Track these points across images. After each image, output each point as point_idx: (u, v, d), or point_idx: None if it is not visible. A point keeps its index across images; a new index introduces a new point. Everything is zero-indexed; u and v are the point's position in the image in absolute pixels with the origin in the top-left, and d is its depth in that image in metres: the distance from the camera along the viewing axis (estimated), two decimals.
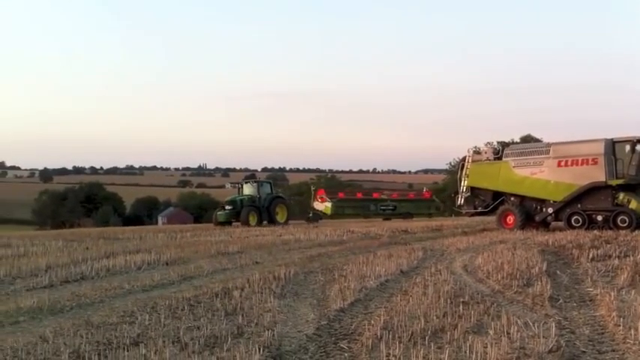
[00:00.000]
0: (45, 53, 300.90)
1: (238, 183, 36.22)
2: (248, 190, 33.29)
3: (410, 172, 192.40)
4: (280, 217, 32.29)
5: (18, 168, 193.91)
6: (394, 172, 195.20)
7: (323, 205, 35.99)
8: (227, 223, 30.97)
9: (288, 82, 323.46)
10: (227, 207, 32.11)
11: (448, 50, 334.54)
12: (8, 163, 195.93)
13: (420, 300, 7.80)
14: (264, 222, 31.20)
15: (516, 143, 45.41)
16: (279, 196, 34.37)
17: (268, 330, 6.24)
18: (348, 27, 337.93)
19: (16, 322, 7.33)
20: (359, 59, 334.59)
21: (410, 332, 6.06)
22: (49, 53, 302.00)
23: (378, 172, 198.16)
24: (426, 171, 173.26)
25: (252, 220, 30.55)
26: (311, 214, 35.87)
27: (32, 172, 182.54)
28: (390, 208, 37.26)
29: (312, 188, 38.97)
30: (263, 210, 31.71)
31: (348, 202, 37.50)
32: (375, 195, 40.00)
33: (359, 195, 40.70)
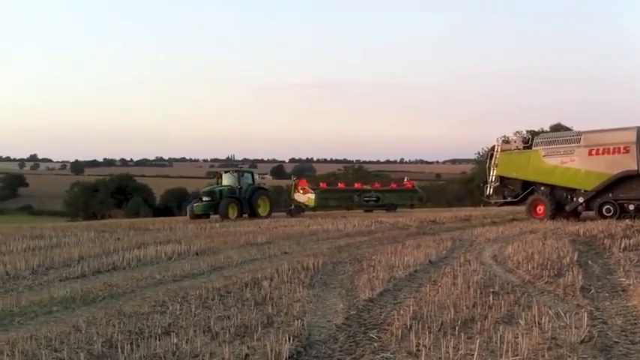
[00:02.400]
0: (75, 45, 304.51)
1: (217, 172, 33.83)
2: (228, 180, 30.75)
3: (437, 162, 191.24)
4: (262, 209, 30.02)
5: (50, 160, 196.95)
6: (422, 162, 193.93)
7: (305, 197, 33.77)
8: (204, 215, 28.90)
9: (315, 73, 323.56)
10: (205, 198, 29.56)
11: (475, 38, 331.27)
12: (40, 156, 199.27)
13: (449, 290, 7.77)
14: (245, 215, 29.12)
15: (546, 132, 44.72)
16: (262, 187, 32.08)
17: (298, 320, 6.27)
18: (375, 17, 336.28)
19: (49, 312, 7.46)
20: (386, 49, 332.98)
21: (440, 322, 6.04)
22: (79, 45, 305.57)
23: (406, 162, 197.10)
24: (453, 161, 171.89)
25: (232, 212, 28.39)
26: (293, 207, 33.61)
27: (64, 165, 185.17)
28: (373, 199, 35.11)
29: (293, 179, 36.41)
30: (244, 202, 29.40)
31: (331, 193, 35.49)
32: (357, 185, 37.71)
33: (341, 185, 38.44)
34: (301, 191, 34.02)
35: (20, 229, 22.72)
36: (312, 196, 33.35)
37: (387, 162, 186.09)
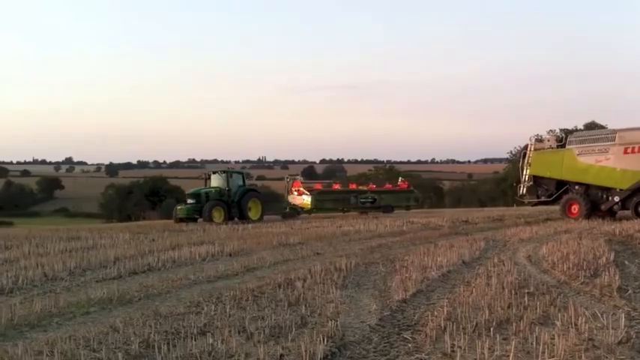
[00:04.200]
0: (110, 49, 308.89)
1: (206, 173, 31.77)
2: (216, 181, 29.19)
3: (469, 161, 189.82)
4: (253, 213, 28.39)
5: (85, 163, 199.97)
6: (453, 161, 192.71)
7: (300, 199, 32.11)
8: (190, 219, 27.27)
9: (345, 74, 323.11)
10: (189, 201, 28.05)
11: (507, 35, 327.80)
12: (75, 159, 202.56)
13: (483, 291, 7.72)
14: (235, 219, 27.49)
15: (580, 130, 44.21)
16: (253, 189, 30.49)
17: (331, 320, 6.29)
18: (402, 16, 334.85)
19: (87, 312, 7.59)
20: (416, 49, 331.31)
21: (474, 323, 6.01)
22: (114, 49, 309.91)
23: (437, 162, 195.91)
24: (485, 160, 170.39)
25: (218, 216, 26.80)
26: (287, 209, 32.31)
27: (98, 167, 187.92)
28: (370, 200, 33.22)
29: (287, 180, 34.36)
30: (233, 205, 27.88)
31: (327, 195, 33.37)
32: (353, 186, 35.92)
33: (336, 186, 36.38)
34: (296, 193, 32.57)
35: (57, 231, 23.12)
36: (307, 198, 31.82)
37: (418, 162, 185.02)
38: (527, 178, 22.95)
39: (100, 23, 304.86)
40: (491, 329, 5.83)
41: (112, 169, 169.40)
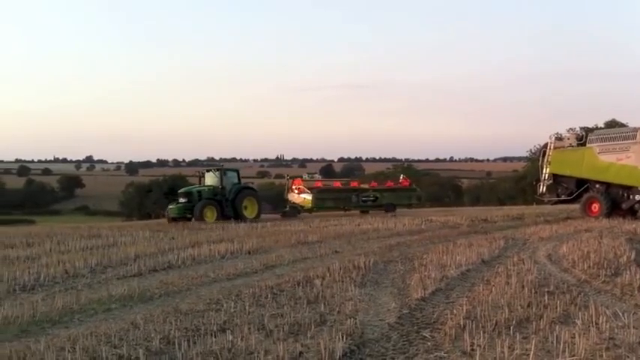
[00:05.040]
0: (130, 49, 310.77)
1: (199, 171, 31.04)
2: (210, 179, 28.31)
3: (488, 159, 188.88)
4: (249, 211, 27.52)
5: (105, 161, 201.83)
6: (472, 160, 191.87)
7: (301, 198, 31.39)
8: (182, 218, 26.36)
9: (364, 73, 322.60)
10: (181, 199, 27.23)
11: (526, 33, 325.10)
12: (96, 157, 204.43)
13: (503, 290, 7.69)
14: (231, 218, 26.40)
15: (600, 128, 43.81)
16: (248, 187, 29.47)
17: (350, 318, 6.30)
18: (422, 15, 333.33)
19: (108, 309, 7.64)
20: (433, 47, 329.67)
21: (494, 322, 5.99)
22: (133, 49, 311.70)
23: (455, 161, 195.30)
24: (504, 159, 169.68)
25: (210, 215, 26.05)
26: (287, 208, 31.83)
27: (118, 166, 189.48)
28: (371, 198, 32.45)
29: (287, 178, 33.90)
30: (227, 203, 26.97)
31: (328, 194, 32.74)
32: (354, 184, 35.33)
33: (337, 184, 35.85)
34: (296, 191, 31.84)
35: (78, 228, 23.30)
36: (308, 196, 31.13)
37: (437, 160, 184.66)
38: (547, 177, 22.81)
39: (116, 25, 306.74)
40: (511, 328, 5.80)
41: (132, 167, 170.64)
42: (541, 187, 23.13)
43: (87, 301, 8.07)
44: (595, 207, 21.11)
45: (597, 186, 21.37)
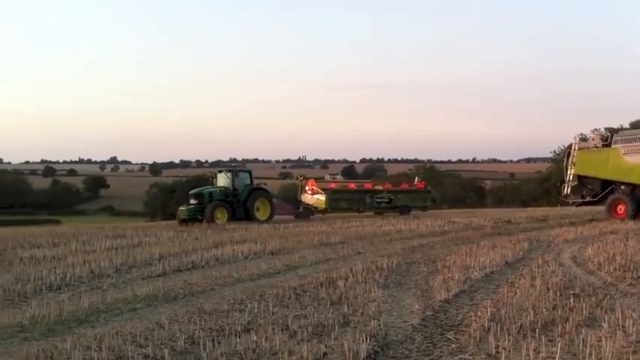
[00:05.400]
0: (153, 50, 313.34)
1: (211, 172, 30.48)
2: (222, 181, 27.73)
3: (512, 160, 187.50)
4: (261, 213, 26.87)
5: (129, 162, 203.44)
6: (494, 161, 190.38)
7: (314, 199, 30.64)
8: (193, 220, 25.66)
9: (386, 73, 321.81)
10: (192, 201, 26.65)
11: (549, 31, 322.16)
12: (120, 158, 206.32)
13: (527, 292, 7.64)
14: (242, 220, 25.89)
15: (626, 129, 43.19)
16: (260, 188, 28.47)
17: (374, 319, 6.29)
18: (445, 15, 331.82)
19: (133, 309, 7.71)
20: (455, 47, 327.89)
21: (519, 325, 5.96)
22: (156, 50, 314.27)
23: (478, 162, 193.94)
24: (528, 160, 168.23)
25: (221, 217, 25.43)
26: (301, 209, 31.07)
27: (142, 166, 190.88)
28: (385, 200, 31.69)
29: (300, 179, 33.30)
30: (239, 205, 26.38)
31: (342, 194, 32.09)
32: (368, 186, 34.64)
33: (351, 185, 35.15)
34: (310, 192, 31.18)
35: (102, 229, 23.55)
36: (321, 197, 30.50)
37: (459, 161, 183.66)
38: (571, 178, 22.57)
39: (140, 22, 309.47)
40: (537, 330, 5.76)
41: (156, 168, 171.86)
42: (565, 188, 22.90)
43: (112, 300, 8.16)
44: (620, 209, 20.85)
45: (623, 187, 21.10)
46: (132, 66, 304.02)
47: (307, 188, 31.42)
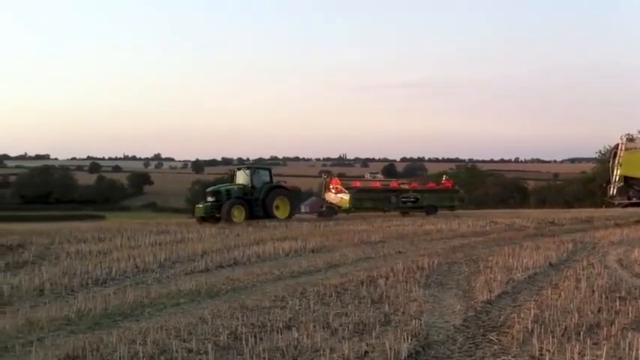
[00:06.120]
0: (194, 49, 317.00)
1: (231, 170, 30.19)
2: (241, 178, 27.26)
3: (555, 161, 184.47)
4: (281, 212, 26.39)
5: (172, 159, 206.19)
6: (538, 161, 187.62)
7: (338, 197, 29.97)
8: (210, 217, 25.40)
9: (427, 72, 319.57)
10: (209, 198, 26.30)
11: (591, 29, 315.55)
12: (163, 155, 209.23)
13: (572, 294, 7.52)
14: (260, 218, 25.28)
15: None
16: (280, 186, 28.06)
17: (415, 319, 6.28)
18: (487, 12, 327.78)
19: (177, 303, 7.85)
20: (498, 45, 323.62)
21: (563, 327, 5.87)
22: (198, 50, 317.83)
23: (521, 162, 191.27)
24: (572, 160, 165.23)
25: (238, 215, 24.93)
26: (324, 208, 30.46)
27: (185, 164, 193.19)
28: (412, 200, 30.82)
29: (324, 177, 32.49)
30: (257, 203, 25.87)
31: (366, 194, 31.17)
32: (394, 184, 33.48)
33: (376, 184, 33.92)
34: (333, 190, 30.41)
35: (146, 224, 23.91)
36: (345, 196, 29.70)
37: (502, 161, 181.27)
38: (617, 179, 22.20)
39: (183, 24, 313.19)
40: (581, 333, 5.68)
41: (198, 165, 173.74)
42: (611, 189, 22.55)
43: (157, 295, 8.31)
44: None
45: None
46: (177, 65, 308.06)
47: (331, 187, 30.83)
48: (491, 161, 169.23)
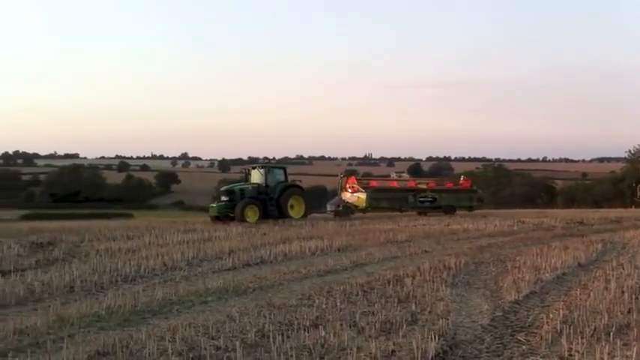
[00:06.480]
0: (220, 50, 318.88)
1: (245, 169, 29.74)
2: (256, 177, 26.82)
3: (584, 160, 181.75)
4: (296, 211, 25.85)
5: (199, 159, 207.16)
6: (566, 160, 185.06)
7: (355, 197, 29.49)
8: (224, 217, 25.05)
9: (453, 71, 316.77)
10: (222, 198, 25.81)
11: (627, 28, 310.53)
12: (190, 154, 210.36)
13: (601, 295, 7.44)
14: (274, 218, 24.85)
15: None
16: (295, 185, 27.60)
17: (442, 319, 6.27)
18: (511, 10, 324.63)
19: (204, 301, 7.91)
20: (524, 43, 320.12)
21: (592, 327, 5.82)
22: (224, 50, 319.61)
23: (549, 161, 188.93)
24: (601, 159, 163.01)
25: (252, 215, 24.41)
26: (340, 207, 29.85)
27: (212, 163, 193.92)
28: (429, 199, 30.29)
29: (340, 176, 32.23)
30: (272, 202, 25.44)
31: (383, 193, 30.76)
32: (411, 184, 32.69)
33: (393, 184, 33.29)
34: (350, 190, 29.96)
35: (174, 223, 24.11)
36: (362, 195, 29.26)
37: (529, 160, 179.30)
38: None
39: (208, 26, 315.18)
40: (611, 334, 5.62)
41: (225, 164, 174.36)
42: None
43: (185, 292, 8.40)
44: None
45: None
46: (205, 65, 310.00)
47: (347, 186, 30.43)
48: (519, 160, 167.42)
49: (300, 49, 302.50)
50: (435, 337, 5.49)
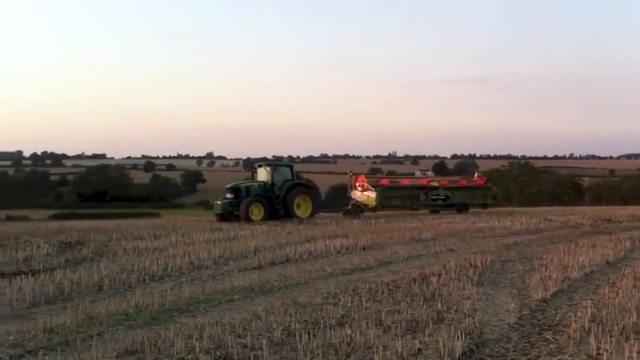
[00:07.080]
0: (247, 49, 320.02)
1: (252, 166, 29.56)
2: (263, 175, 26.48)
3: (611, 157, 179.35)
4: (302, 210, 25.56)
5: (224, 158, 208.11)
6: (593, 157, 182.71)
7: (365, 195, 29.09)
8: (229, 215, 24.89)
9: (477, 67, 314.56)
10: (227, 195, 25.48)
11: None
12: (216, 154, 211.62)
13: (630, 293, 7.36)
14: (280, 217, 24.73)
15: None
16: (302, 184, 27.30)
17: (469, 317, 6.26)
18: (541, 8, 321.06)
19: (231, 300, 7.96)
20: (549, 39, 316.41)
21: (621, 326, 5.77)
22: (251, 50, 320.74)
23: (576, 158, 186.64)
24: (629, 156, 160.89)
25: (257, 213, 24.23)
26: (350, 206, 29.25)
27: (237, 162, 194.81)
28: (442, 197, 29.78)
29: (350, 174, 31.47)
30: (278, 201, 25.15)
31: (394, 191, 29.99)
32: (423, 182, 31.95)
33: (405, 182, 32.40)
34: (360, 188, 29.59)
35: (200, 222, 24.32)
36: (372, 194, 28.77)
37: (555, 157, 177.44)
38: None
39: (231, 24, 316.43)
40: None
41: (249, 163, 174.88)
42: None
43: (211, 291, 8.46)
44: None
45: None
46: (229, 65, 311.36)
47: (357, 184, 30.09)
48: (545, 157, 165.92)
49: (323, 50, 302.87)
50: (461, 336, 5.47)
